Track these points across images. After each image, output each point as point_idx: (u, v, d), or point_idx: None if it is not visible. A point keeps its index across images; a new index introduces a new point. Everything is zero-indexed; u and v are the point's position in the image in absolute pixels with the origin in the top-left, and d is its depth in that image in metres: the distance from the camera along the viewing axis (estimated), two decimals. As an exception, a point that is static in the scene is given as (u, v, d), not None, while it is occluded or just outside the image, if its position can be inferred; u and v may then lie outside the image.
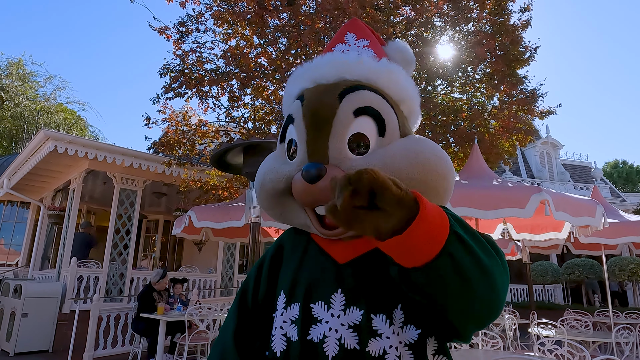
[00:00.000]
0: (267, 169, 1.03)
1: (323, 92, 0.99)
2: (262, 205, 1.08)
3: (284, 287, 1.00)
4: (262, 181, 1.03)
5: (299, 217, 1.00)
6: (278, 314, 0.98)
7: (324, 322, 0.91)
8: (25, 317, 6.32)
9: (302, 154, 0.96)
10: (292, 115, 1.01)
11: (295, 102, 1.03)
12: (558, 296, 14.51)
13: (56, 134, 7.72)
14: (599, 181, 18.78)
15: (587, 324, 6.15)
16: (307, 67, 1.07)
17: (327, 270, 0.97)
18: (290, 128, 1.02)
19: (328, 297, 0.93)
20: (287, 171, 0.97)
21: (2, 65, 21.20)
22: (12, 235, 11.58)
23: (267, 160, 1.07)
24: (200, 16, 7.20)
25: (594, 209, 4.16)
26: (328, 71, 1.01)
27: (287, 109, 1.08)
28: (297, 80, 1.07)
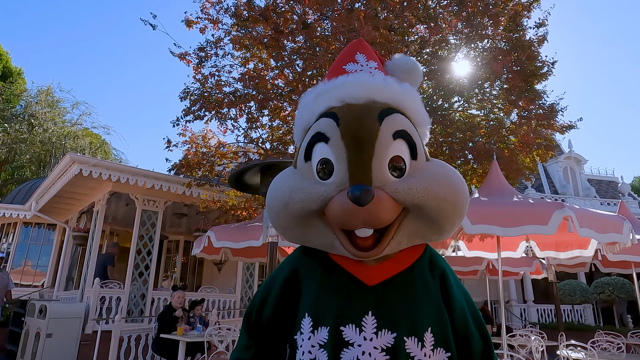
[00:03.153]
0: (294, 187, 0.98)
1: (361, 113, 0.97)
2: (281, 225, 1.02)
3: (309, 310, 0.97)
4: (288, 201, 0.97)
5: (325, 237, 0.97)
6: (304, 338, 0.95)
7: (356, 345, 0.90)
8: (49, 337, 6.42)
9: (342, 174, 0.94)
10: (325, 133, 0.97)
11: (325, 120, 0.99)
12: (588, 317, 13.91)
13: (81, 158, 7.98)
14: (627, 196, 18.17)
15: (620, 346, 5.87)
16: (331, 86, 1.05)
17: (356, 292, 0.96)
18: (321, 147, 0.98)
19: (359, 319, 0.92)
20: (322, 192, 0.94)
21: (33, 93, 22.18)
22: (39, 257, 11.88)
23: (289, 179, 1.02)
24: (219, 41, 7.42)
25: (620, 224, 4.03)
26: (357, 91, 1.00)
27: (310, 124, 1.05)
28: (320, 97, 1.05)
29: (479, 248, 5.82)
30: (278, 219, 1.01)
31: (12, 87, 21.12)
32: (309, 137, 1.01)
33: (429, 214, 0.95)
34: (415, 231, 0.98)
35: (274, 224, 1.04)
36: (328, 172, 0.96)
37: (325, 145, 0.97)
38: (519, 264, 7.50)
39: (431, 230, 0.99)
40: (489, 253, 5.81)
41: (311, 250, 1.06)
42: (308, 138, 1.01)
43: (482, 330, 1.07)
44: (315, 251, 1.05)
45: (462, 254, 6.12)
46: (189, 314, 6.21)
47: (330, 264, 1.02)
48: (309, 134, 1.02)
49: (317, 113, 1.03)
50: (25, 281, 11.48)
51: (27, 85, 22.49)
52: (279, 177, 1.07)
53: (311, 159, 1.00)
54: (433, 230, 0.99)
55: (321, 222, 0.96)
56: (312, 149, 1.00)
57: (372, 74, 1.08)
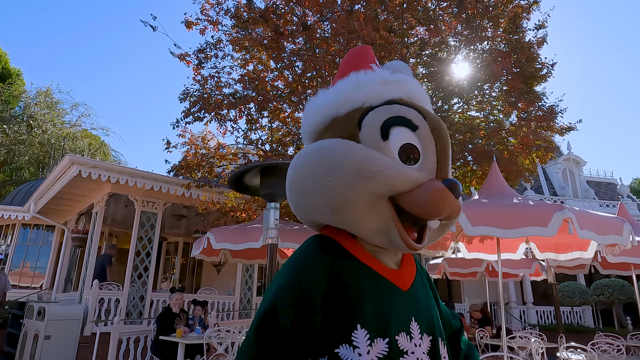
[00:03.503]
0: (382, 164, 0.90)
1: (435, 115, 1.05)
2: (345, 200, 0.91)
3: (361, 321, 0.89)
4: (371, 176, 0.89)
5: (383, 223, 0.92)
6: (362, 352, 0.87)
7: (410, 353, 0.90)
8: (47, 339, 6.40)
9: (432, 166, 0.97)
10: (412, 121, 0.97)
11: (408, 109, 0.99)
12: (588, 318, 13.91)
13: (80, 159, 7.97)
14: (626, 198, 18.20)
15: (620, 348, 5.86)
16: (397, 79, 1.06)
17: (398, 299, 0.95)
18: (405, 132, 0.97)
19: (407, 327, 0.93)
20: (416, 176, 0.92)
21: (32, 95, 22.19)
22: (38, 258, 11.86)
23: (368, 153, 0.93)
24: (219, 42, 7.42)
25: (620, 226, 4.03)
26: (419, 94, 1.08)
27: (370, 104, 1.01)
28: (387, 85, 1.04)
29: (478, 250, 5.82)
30: (347, 192, 0.90)
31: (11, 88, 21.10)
32: (384, 117, 0.97)
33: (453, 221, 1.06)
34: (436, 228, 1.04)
35: (333, 198, 0.92)
36: (412, 158, 0.96)
37: (410, 132, 0.97)
38: (518, 265, 7.50)
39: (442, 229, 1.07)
40: (489, 255, 5.81)
41: (334, 250, 0.96)
42: (382, 117, 0.97)
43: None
44: (341, 251, 0.96)
45: (462, 256, 6.13)
46: (188, 316, 6.20)
47: (365, 268, 0.96)
48: (379, 113, 0.98)
49: (385, 98, 1.02)
50: (23, 283, 11.45)
51: (26, 87, 22.51)
52: (346, 146, 0.95)
53: (388, 139, 0.96)
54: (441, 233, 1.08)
55: (387, 206, 0.92)
56: (389, 130, 0.97)
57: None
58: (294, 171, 1.00)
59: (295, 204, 1.03)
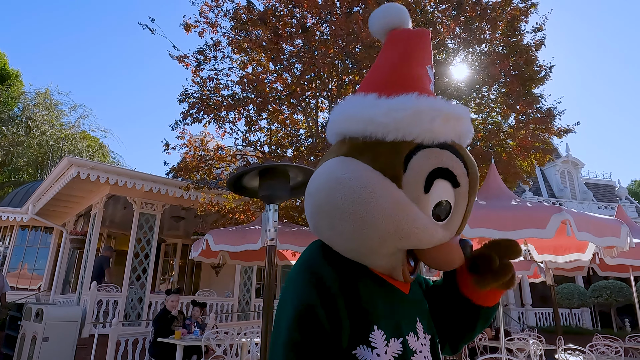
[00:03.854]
0: (419, 223, 0.88)
1: (476, 167, 0.98)
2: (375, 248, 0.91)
3: (378, 322, 0.90)
4: (409, 235, 0.88)
5: (395, 262, 0.94)
6: (380, 353, 0.87)
7: (418, 351, 0.94)
8: (45, 341, 6.39)
9: (457, 224, 0.96)
10: (457, 177, 0.91)
11: (455, 160, 0.91)
12: (586, 320, 13.92)
13: (79, 161, 7.97)
14: (624, 200, 18.24)
15: (618, 350, 5.87)
16: (457, 114, 0.95)
17: (404, 301, 1.00)
18: (446, 186, 0.91)
19: (414, 327, 0.97)
20: (441, 236, 0.91)
21: (30, 96, 22.17)
22: (36, 260, 11.83)
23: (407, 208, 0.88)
24: (218, 44, 7.43)
25: (618, 228, 4.04)
26: (467, 131, 0.98)
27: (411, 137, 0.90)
28: (447, 122, 0.93)
29: (477, 252, 5.82)
30: (377, 243, 0.90)
31: (9, 90, 21.09)
32: (432, 166, 0.89)
33: None
34: None
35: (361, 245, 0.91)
36: (442, 214, 0.92)
37: (451, 188, 0.92)
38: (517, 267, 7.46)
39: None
40: (487, 257, 5.81)
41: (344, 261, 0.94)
42: (430, 165, 0.89)
43: None
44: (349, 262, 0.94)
45: (461, 258, 6.12)
46: (185, 317, 6.19)
47: (371, 273, 0.96)
48: (427, 158, 0.90)
49: (439, 139, 0.91)
50: (21, 284, 11.43)
51: (25, 88, 22.48)
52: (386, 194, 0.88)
53: (429, 192, 0.90)
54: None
55: (403, 253, 0.93)
56: (432, 182, 0.90)
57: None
58: (327, 200, 0.91)
59: (315, 227, 0.97)
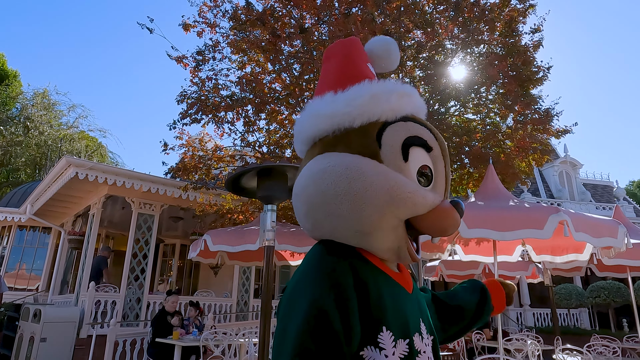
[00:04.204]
0: (409, 188, 0.91)
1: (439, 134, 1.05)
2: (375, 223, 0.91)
3: (386, 323, 0.90)
4: (404, 200, 0.90)
5: (397, 241, 0.94)
6: (388, 354, 0.87)
7: (422, 352, 0.94)
8: (43, 341, 6.38)
9: (441, 187, 1.01)
10: (428, 142, 0.98)
11: (422, 129, 0.99)
12: (584, 321, 13.95)
13: (77, 161, 7.96)
14: (622, 201, 18.28)
15: (616, 350, 5.89)
16: (409, 91, 1.04)
17: (409, 301, 0.99)
18: (421, 153, 0.97)
19: (419, 327, 0.97)
20: (433, 199, 0.94)
21: (29, 96, 22.13)
22: (34, 260, 11.80)
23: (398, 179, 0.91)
24: (217, 45, 7.43)
25: (615, 229, 4.05)
26: (421, 103, 1.07)
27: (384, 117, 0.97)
28: (402, 98, 1.01)
29: (475, 252, 5.83)
30: (379, 219, 0.90)
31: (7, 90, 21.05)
32: (403, 137, 0.96)
33: None
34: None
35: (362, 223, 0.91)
36: (427, 180, 0.98)
37: (425, 153, 0.98)
38: (515, 268, 7.53)
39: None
40: (486, 257, 5.83)
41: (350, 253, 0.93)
42: (401, 136, 0.96)
43: None
44: (356, 255, 0.93)
45: (459, 258, 6.14)
46: (183, 318, 6.19)
47: (379, 271, 0.95)
48: (397, 131, 0.96)
49: (400, 114, 1.00)
50: (19, 285, 11.40)
51: (23, 88, 22.43)
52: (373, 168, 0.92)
53: (408, 160, 0.95)
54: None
55: (402, 227, 0.94)
56: (407, 150, 0.96)
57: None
58: (317, 190, 0.93)
59: (314, 223, 0.97)
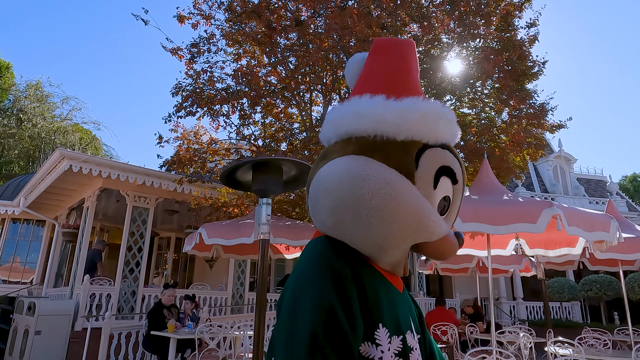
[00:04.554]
0: (433, 216, 0.94)
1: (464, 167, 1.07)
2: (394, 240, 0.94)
3: (382, 319, 0.92)
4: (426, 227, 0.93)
5: (399, 257, 1.02)
6: (383, 350, 0.90)
7: (414, 349, 0.97)
8: (38, 334, 6.37)
9: (453, 218, 1.06)
10: (456, 175, 1.00)
11: (454, 160, 0.99)
12: (576, 314, 14.12)
13: (71, 153, 7.90)
14: (615, 195, 18.44)
15: (607, 343, 5.97)
16: (452, 116, 1.02)
17: (401, 299, 1.03)
18: (447, 184, 0.98)
19: (410, 324, 1.00)
20: (445, 229, 0.99)
21: (22, 88, 21.91)
22: (28, 253, 11.75)
23: (426, 205, 0.94)
24: (212, 37, 7.38)
25: (608, 223, 4.09)
26: (458, 131, 1.06)
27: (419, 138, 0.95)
28: (442, 122, 0.99)
29: (469, 246, 5.87)
30: (400, 241, 0.94)
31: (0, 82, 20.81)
32: (438, 164, 0.96)
33: None
34: None
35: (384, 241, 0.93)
36: (444, 210, 1.02)
37: (450, 184, 1.00)
38: (508, 261, 7.59)
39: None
40: (479, 251, 5.87)
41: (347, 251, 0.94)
42: (436, 163, 0.96)
43: None
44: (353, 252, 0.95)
45: (453, 252, 6.17)
46: (179, 311, 6.20)
47: (373, 269, 0.98)
48: (434, 157, 0.96)
49: (441, 140, 0.98)
50: (13, 278, 11.36)
51: (16, 80, 22.19)
52: (406, 189, 0.92)
53: (436, 188, 0.97)
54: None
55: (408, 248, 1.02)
56: (438, 179, 0.97)
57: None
58: (353, 194, 0.90)
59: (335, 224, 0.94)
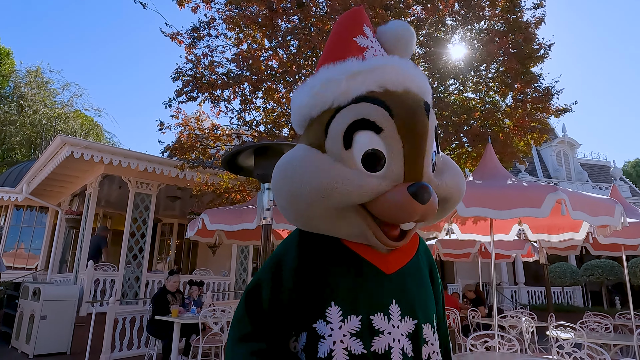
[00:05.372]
0: (339, 178, 0.89)
1: (414, 105, 0.94)
2: (312, 215, 0.94)
3: (335, 298, 0.95)
4: (331, 192, 0.89)
5: (356, 228, 0.95)
6: (334, 327, 0.93)
7: (386, 333, 0.94)
8: (43, 319, 6.44)
9: (397, 169, 0.92)
10: (377, 123, 0.91)
11: (374, 108, 0.91)
12: (577, 298, 14.19)
13: (72, 140, 7.87)
14: (619, 180, 18.35)
15: (608, 327, 5.99)
16: (370, 66, 0.96)
17: (379, 281, 0.98)
18: (369, 136, 0.91)
19: (386, 308, 0.96)
20: (376, 185, 0.90)
21: (21, 74, 21.77)
22: (32, 240, 11.83)
23: (327, 167, 0.92)
24: (212, 21, 7.27)
25: (612, 208, 4.05)
26: (396, 79, 0.96)
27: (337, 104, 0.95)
28: (356, 77, 0.95)
29: (472, 231, 5.86)
30: (311, 209, 0.93)
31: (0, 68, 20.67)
32: (348, 121, 0.92)
33: (451, 205, 1.04)
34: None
35: (301, 214, 0.96)
36: (378, 163, 0.92)
37: (375, 135, 0.91)
38: (511, 246, 7.58)
39: (436, 217, 1.06)
40: (482, 236, 5.85)
41: (319, 236, 1.00)
42: (346, 122, 0.92)
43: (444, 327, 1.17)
44: (324, 238, 1.00)
45: (455, 237, 6.17)
46: (184, 296, 6.24)
47: (347, 252, 0.99)
48: (344, 117, 0.93)
49: (352, 95, 0.94)
50: (18, 264, 11.45)
51: (16, 66, 22.04)
52: (306, 162, 0.94)
53: (352, 146, 0.92)
54: (438, 217, 1.06)
55: (355, 213, 0.93)
56: (352, 136, 0.92)
57: (381, 52, 1.04)
58: (272, 183, 1.01)
59: (283, 213, 1.04)
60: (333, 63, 0.99)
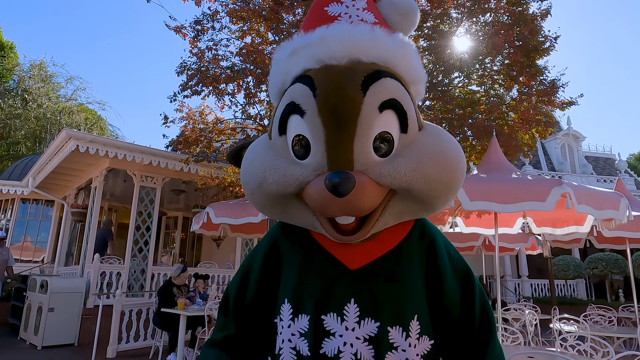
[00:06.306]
0: (268, 166, 0.86)
1: (341, 80, 0.80)
2: (258, 203, 0.92)
3: (288, 294, 0.89)
4: (262, 181, 0.86)
5: (305, 217, 0.89)
6: (284, 325, 0.89)
7: (337, 335, 0.84)
8: (51, 311, 6.52)
9: (320, 157, 0.81)
10: (301, 105, 0.82)
11: (300, 88, 0.83)
12: (581, 291, 14.21)
13: (77, 134, 7.91)
14: (624, 173, 18.26)
15: (611, 320, 6.01)
16: (307, 41, 0.86)
17: (338, 277, 0.88)
18: (296, 120, 0.83)
19: (341, 308, 0.85)
20: (299, 175, 0.83)
21: (25, 68, 21.80)
22: (38, 233, 11.93)
23: (262, 154, 0.89)
24: (216, 14, 7.24)
25: (617, 201, 4.05)
26: (338, 49, 0.82)
27: (284, 87, 0.88)
28: (296, 55, 0.87)
29: (476, 224, 5.87)
30: (253, 197, 0.91)
31: (4, 62, 20.71)
32: (283, 106, 0.85)
33: (418, 195, 0.85)
34: (403, 211, 0.89)
35: (251, 201, 0.94)
36: (305, 150, 0.83)
37: (300, 118, 0.82)
38: (514, 240, 7.59)
39: (422, 209, 0.91)
40: (486, 229, 5.86)
41: (292, 226, 0.97)
42: (282, 107, 0.86)
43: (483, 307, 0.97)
44: (297, 227, 0.96)
45: (459, 230, 6.18)
46: (189, 289, 6.30)
47: (311, 244, 0.93)
48: (282, 102, 0.86)
49: (292, 74, 0.86)
50: (25, 257, 11.57)
51: (20, 60, 22.07)
52: (252, 149, 0.93)
53: (286, 132, 0.86)
54: (424, 209, 0.91)
55: (299, 202, 0.86)
56: (287, 121, 0.85)
57: (359, 18, 0.89)
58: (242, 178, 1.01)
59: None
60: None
